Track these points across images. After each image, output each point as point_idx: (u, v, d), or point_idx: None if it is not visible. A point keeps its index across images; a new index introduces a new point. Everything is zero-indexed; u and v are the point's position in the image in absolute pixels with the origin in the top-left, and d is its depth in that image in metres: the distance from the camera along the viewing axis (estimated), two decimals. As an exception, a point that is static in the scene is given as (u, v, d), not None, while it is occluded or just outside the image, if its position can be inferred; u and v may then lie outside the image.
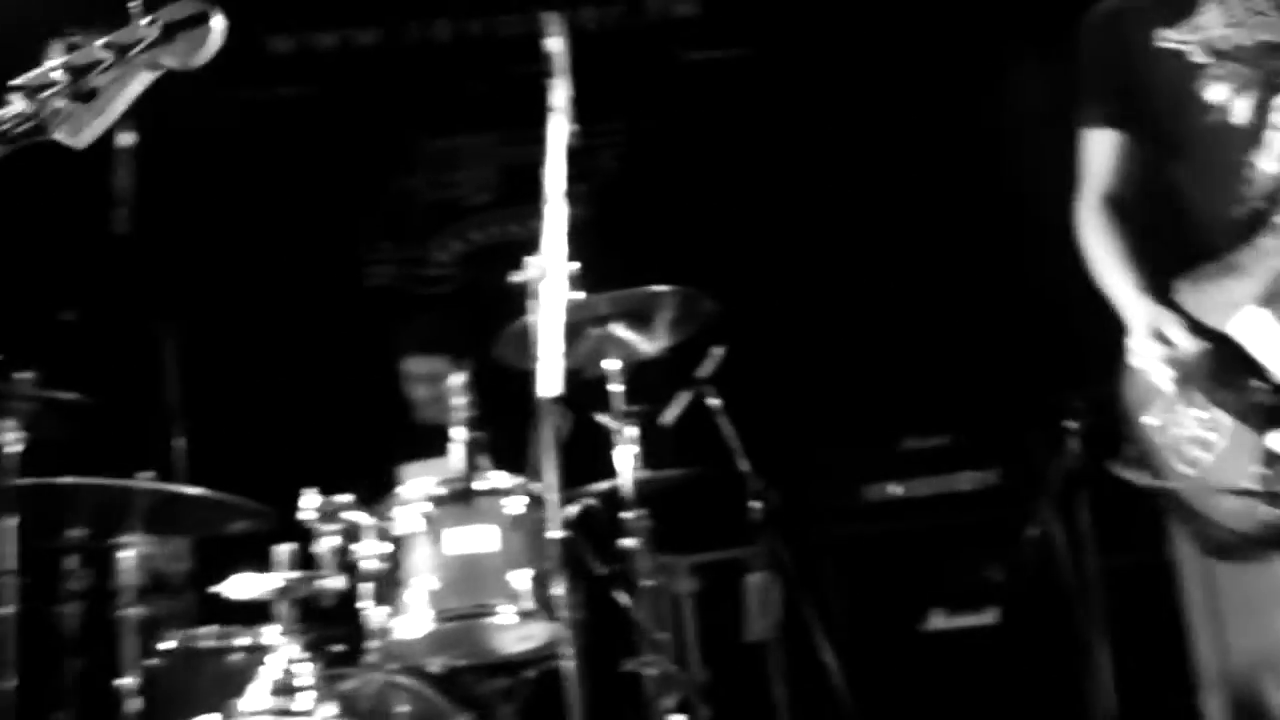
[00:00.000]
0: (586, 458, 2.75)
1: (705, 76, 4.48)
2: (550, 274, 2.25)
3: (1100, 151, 1.88)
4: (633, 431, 2.82)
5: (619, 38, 4.48)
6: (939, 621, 3.81)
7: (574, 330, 2.51)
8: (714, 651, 3.57)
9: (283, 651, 2.53)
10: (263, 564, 2.60)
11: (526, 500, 2.75)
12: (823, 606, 3.56)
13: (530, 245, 2.31)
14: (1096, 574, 3.20)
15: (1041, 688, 3.50)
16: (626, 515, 2.74)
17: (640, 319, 2.90)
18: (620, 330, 2.88)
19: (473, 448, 2.92)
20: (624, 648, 2.84)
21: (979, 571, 3.82)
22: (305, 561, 2.69)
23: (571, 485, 2.60)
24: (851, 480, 3.96)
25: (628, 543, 2.75)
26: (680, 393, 3.30)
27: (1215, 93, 1.74)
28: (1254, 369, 1.68)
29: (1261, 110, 1.72)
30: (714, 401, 3.26)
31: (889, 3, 4.38)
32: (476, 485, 2.80)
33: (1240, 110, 1.73)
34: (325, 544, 2.76)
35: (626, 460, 2.76)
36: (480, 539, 2.72)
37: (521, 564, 2.68)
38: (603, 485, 2.91)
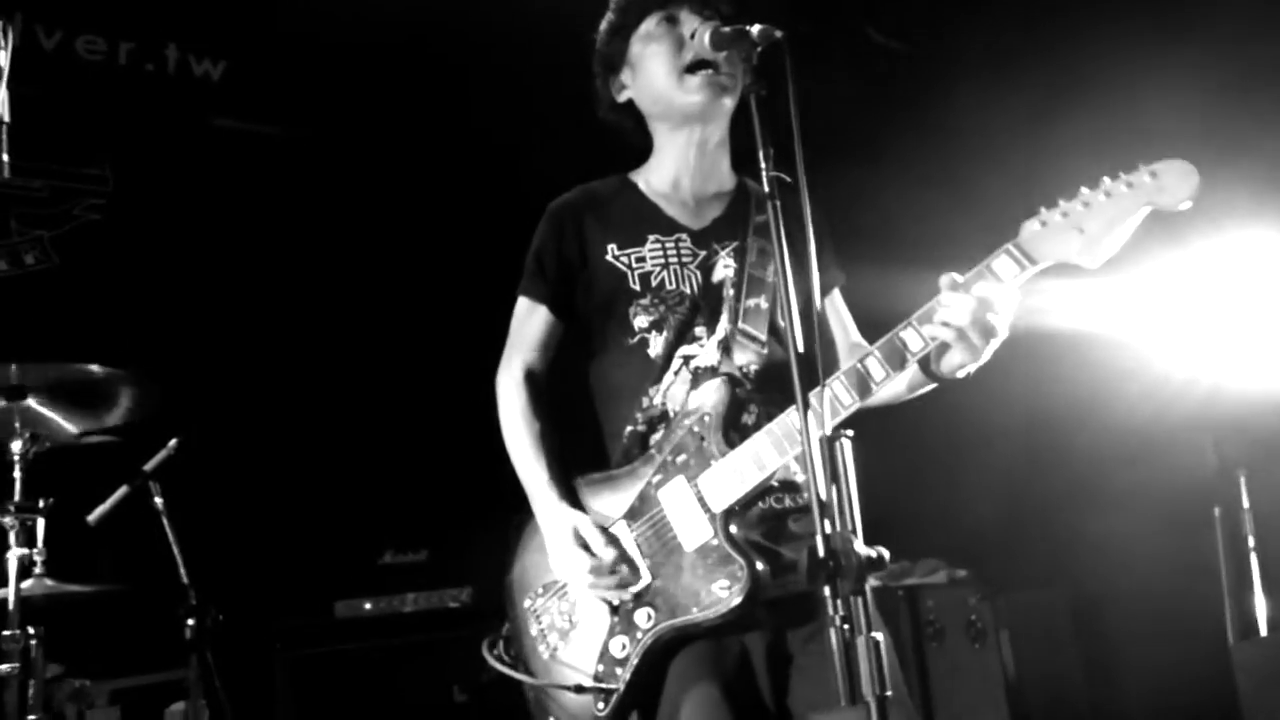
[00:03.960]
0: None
1: (223, 145, 4.10)
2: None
3: (534, 325, 1.91)
4: (37, 530, 2.35)
5: (126, 79, 3.96)
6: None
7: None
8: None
9: None
10: None
11: None
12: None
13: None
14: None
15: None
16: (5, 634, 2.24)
17: (72, 398, 2.48)
18: (40, 407, 2.43)
19: None
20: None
21: (447, 691, 3.77)
22: None
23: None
24: (324, 596, 3.73)
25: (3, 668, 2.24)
26: (118, 488, 2.83)
27: (640, 321, 1.82)
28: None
29: (670, 351, 1.80)
30: (159, 500, 2.85)
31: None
32: None
33: (656, 344, 1.81)
34: None
35: (17, 566, 2.28)
36: None
37: None
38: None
